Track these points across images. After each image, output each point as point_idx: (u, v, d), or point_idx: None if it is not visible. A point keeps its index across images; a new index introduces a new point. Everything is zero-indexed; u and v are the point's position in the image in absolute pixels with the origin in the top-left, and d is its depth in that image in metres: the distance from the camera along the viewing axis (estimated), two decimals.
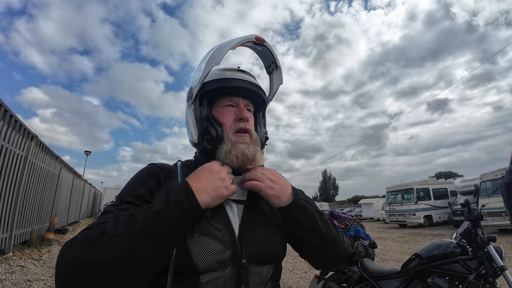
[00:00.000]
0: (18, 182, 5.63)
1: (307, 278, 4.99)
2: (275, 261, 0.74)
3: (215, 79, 0.79)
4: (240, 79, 0.80)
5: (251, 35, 0.78)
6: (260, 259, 0.69)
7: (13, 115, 5.38)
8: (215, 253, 0.64)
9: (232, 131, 0.77)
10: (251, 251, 0.68)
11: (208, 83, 0.79)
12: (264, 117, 0.93)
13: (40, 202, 7.26)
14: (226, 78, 0.79)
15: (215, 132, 0.76)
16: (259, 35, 0.79)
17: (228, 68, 0.82)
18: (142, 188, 0.70)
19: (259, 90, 0.83)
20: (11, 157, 5.23)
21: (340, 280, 2.69)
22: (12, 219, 5.48)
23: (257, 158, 0.77)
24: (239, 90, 0.79)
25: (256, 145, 0.79)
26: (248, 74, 0.83)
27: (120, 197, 0.70)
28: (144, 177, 0.74)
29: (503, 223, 10.06)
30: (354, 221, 2.83)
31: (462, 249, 2.16)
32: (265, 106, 0.90)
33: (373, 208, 26.06)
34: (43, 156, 7.18)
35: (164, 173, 0.76)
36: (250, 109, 0.85)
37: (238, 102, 0.81)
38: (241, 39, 0.76)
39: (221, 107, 0.81)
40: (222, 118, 0.79)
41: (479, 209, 2.35)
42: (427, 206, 15.48)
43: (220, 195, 0.64)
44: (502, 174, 10.65)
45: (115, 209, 0.64)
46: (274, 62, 0.87)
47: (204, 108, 0.81)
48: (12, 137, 5.20)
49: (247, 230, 0.70)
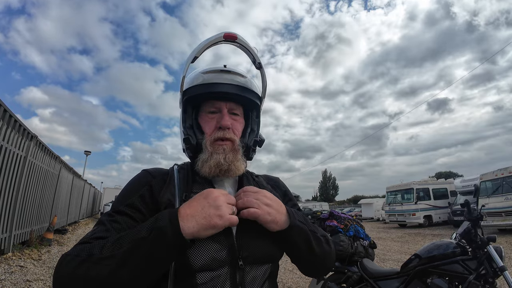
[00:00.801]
0: (17, 182, 5.62)
1: (306, 278, 4.98)
2: (272, 261, 0.73)
3: (195, 84, 0.77)
4: (222, 82, 0.76)
5: (219, 34, 0.74)
6: (257, 259, 0.69)
7: (13, 115, 5.38)
8: (211, 253, 0.63)
9: (211, 140, 0.75)
10: (248, 252, 0.67)
11: (189, 90, 0.77)
12: (258, 117, 0.87)
13: (40, 202, 7.25)
14: (206, 83, 0.76)
15: (195, 141, 0.76)
16: (229, 32, 0.74)
17: (211, 70, 0.79)
18: (135, 196, 0.70)
19: (245, 91, 0.78)
20: (11, 157, 5.22)
21: (340, 280, 2.69)
22: (11, 219, 5.48)
23: (235, 168, 0.74)
24: (222, 95, 0.77)
25: (237, 153, 0.76)
26: (233, 73, 0.79)
27: (114, 206, 0.70)
28: (136, 185, 0.73)
29: (502, 223, 10.06)
30: (353, 221, 2.82)
31: (462, 249, 2.16)
32: (259, 105, 0.85)
33: (373, 208, 26.07)
34: (42, 156, 7.17)
35: (157, 180, 0.74)
36: (237, 112, 0.81)
37: (220, 107, 0.78)
38: (208, 41, 0.74)
39: (204, 113, 0.79)
40: (204, 126, 0.78)
41: (479, 209, 2.35)
42: (427, 206, 15.48)
43: (211, 225, 0.58)
44: (502, 174, 10.67)
45: (108, 222, 0.65)
46: (254, 59, 0.81)
47: (189, 115, 0.80)
48: (11, 137, 5.19)
49: (244, 230, 0.69)
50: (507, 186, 10.39)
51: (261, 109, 0.88)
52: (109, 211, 0.69)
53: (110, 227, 0.63)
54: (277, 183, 0.93)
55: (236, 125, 0.80)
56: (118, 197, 0.73)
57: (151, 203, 0.70)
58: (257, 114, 0.87)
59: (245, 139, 0.81)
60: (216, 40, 0.74)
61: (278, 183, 0.94)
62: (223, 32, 0.74)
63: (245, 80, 0.80)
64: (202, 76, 0.77)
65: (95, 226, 0.66)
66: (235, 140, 0.77)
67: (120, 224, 0.64)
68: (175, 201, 0.70)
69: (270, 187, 0.87)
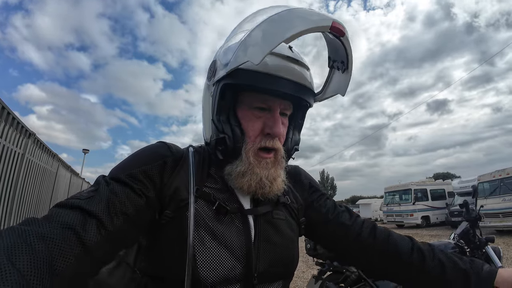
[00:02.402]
0: (15, 179, 5.60)
1: (304, 278, 4.98)
2: (287, 277, 0.68)
3: (249, 69, 0.57)
4: (288, 78, 0.59)
5: (325, 19, 0.53)
6: (272, 277, 0.63)
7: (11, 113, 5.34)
8: (224, 271, 0.57)
9: (254, 150, 0.62)
10: (264, 267, 0.61)
11: (239, 73, 0.58)
12: (303, 119, 0.73)
13: (37, 200, 7.22)
14: (269, 73, 0.58)
15: (232, 144, 0.61)
16: (338, 22, 0.54)
17: (276, 52, 0.58)
18: (144, 167, 0.59)
19: (306, 92, 0.63)
20: (9, 155, 5.20)
21: (338, 280, 2.68)
22: (9, 217, 5.45)
23: (277, 185, 0.63)
24: (281, 93, 0.61)
25: (280, 167, 0.65)
26: (300, 64, 0.62)
27: (115, 172, 0.59)
28: (151, 156, 0.62)
29: (500, 224, 10.10)
30: None
31: (460, 250, 2.16)
32: (307, 107, 0.70)
33: (371, 209, 26.12)
34: (40, 154, 7.13)
35: (174, 158, 0.63)
36: (287, 113, 0.67)
37: (272, 106, 0.63)
38: (310, 26, 0.51)
39: (248, 108, 0.63)
40: (247, 126, 0.63)
41: (478, 210, 2.35)
42: (424, 207, 15.51)
43: None
44: (500, 175, 10.71)
45: (106, 191, 0.54)
46: (344, 62, 0.65)
47: (226, 103, 0.62)
48: (9, 135, 5.17)
49: (261, 245, 0.62)
50: (505, 187, 10.42)
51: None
52: (108, 176, 0.59)
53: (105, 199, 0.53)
54: (298, 176, 0.82)
55: (284, 130, 0.66)
56: (123, 163, 0.61)
57: (159, 183, 0.59)
58: (302, 115, 0.73)
59: (287, 146, 0.68)
60: (319, 28, 0.53)
61: (300, 175, 0.83)
62: (331, 20, 0.53)
63: (308, 74, 0.64)
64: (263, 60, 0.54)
65: (93, 187, 0.56)
66: (280, 150, 0.64)
67: (118, 197, 0.54)
68: (189, 194, 0.60)
69: (291, 197, 0.75)
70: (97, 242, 0.48)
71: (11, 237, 0.40)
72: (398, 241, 0.72)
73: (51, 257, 0.41)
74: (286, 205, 0.73)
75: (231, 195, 0.65)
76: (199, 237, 0.57)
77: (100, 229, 0.50)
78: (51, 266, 0.41)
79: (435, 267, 0.66)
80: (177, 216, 0.59)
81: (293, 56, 0.62)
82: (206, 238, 0.58)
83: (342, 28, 0.55)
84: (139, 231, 0.58)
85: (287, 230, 0.69)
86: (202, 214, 0.60)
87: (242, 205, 0.65)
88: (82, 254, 0.46)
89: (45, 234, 0.43)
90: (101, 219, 0.50)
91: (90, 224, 0.49)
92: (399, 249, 0.70)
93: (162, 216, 0.59)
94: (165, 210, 0.59)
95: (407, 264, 0.68)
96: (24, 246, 0.39)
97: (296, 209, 0.75)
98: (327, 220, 0.76)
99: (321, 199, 0.80)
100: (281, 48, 0.60)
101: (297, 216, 0.75)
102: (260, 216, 0.65)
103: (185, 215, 0.58)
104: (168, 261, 0.58)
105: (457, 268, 0.65)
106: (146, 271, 0.65)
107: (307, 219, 0.77)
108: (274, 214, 0.68)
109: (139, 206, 0.56)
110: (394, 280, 0.71)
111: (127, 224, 0.54)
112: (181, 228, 0.57)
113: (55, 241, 0.43)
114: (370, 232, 0.73)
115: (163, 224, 0.59)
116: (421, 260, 0.67)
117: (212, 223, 0.60)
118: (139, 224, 0.57)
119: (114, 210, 0.52)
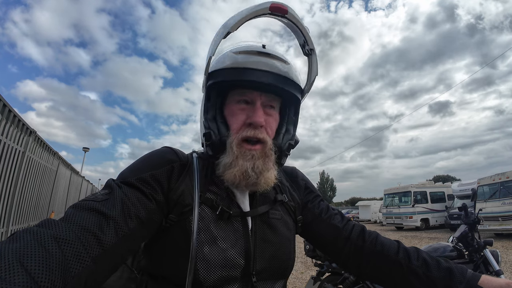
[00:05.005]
0: (15, 177, 5.60)
1: (303, 279, 4.99)
2: (284, 275, 0.70)
3: (224, 67, 0.62)
4: (258, 69, 0.61)
5: (265, 3, 0.58)
6: (270, 275, 0.65)
7: (12, 110, 5.36)
8: (224, 268, 0.58)
9: (238, 140, 0.63)
10: (261, 266, 0.63)
11: (216, 73, 0.63)
12: (297, 114, 0.73)
13: (38, 197, 7.22)
14: (238, 67, 0.61)
15: (218, 138, 0.63)
16: (278, 2, 0.58)
17: (245, 50, 0.63)
18: (152, 172, 0.60)
19: (286, 82, 0.64)
20: (9, 152, 5.21)
21: (336, 282, 2.69)
22: (9, 214, 5.46)
23: (264, 181, 0.63)
24: (256, 84, 0.63)
25: (269, 160, 0.64)
26: (274, 57, 0.64)
27: (125, 176, 0.59)
28: (159, 161, 0.62)
29: (499, 227, 10.10)
30: None
31: (459, 253, 2.17)
32: (299, 100, 0.70)
33: (370, 210, 26.13)
34: (41, 152, 7.14)
35: (181, 163, 0.64)
36: (273, 105, 0.68)
37: (253, 98, 0.64)
38: (248, 13, 0.57)
39: (232, 103, 0.66)
40: (231, 120, 0.65)
41: (476, 213, 2.36)
42: (424, 209, 15.51)
43: None
44: (499, 178, 10.71)
45: (119, 193, 0.55)
46: (306, 42, 0.66)
47: (212, 104, 0.66)
48: (10, 132, 5.17)
49: (258, 244, 0.64)
50: (505, 191, 10.42)
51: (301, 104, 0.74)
52: (118, 180, 0.59)
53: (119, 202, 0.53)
54: (295, 177, 0.84)
55: (270, 121, 0.67)
56: (132, 167, 0.62)
57: (166, 187, 0.60)
58: (295, 111, 0.74)
59: (279, 141, 0.69)
60: (258, 12, 0.58)
61: (297, 176, 0.84)
62: (270, 2, 0.57)
63: (288, 68, 0.65)
64: (234, 56, 0.62)
65: (106, 190, 0.56)
66: (267, 141, 0.64)
67: (131, 200, 0.55)
68: (193, 200, 0.61)
69: (289, 188, 0.79)
70: (114, 244, 0.49)
71: (26, 239, 0.40)
72: (385, 242, 0.74)
73: (67, 259, 0.41)
74: (284, 203, 0.75)
75: (231, 198, 0.67)
76: (201, 239, 0.59)
77: (118, 231, 0.50)
78: (66, 268, 0.41)
79: (420, 266, 0.68)
80: (181, 220, 0.61)
81: (265, 51, 0.64)
82: (208, 240, 0.60)
83: (282, 6, 0.58)
84: (148, 234, 0.59)
85: (283, 229, 0.71)
86: (205, 218, 0.62)
87: (241, 208, 0.67)
88: (100, 256, 0.46)
89: (61, 236, 0.43)
90: (118, 221, 0.51)
91: (107, 226, 0.49)
92: (386, 250, 0.72)
93: (167, 219, 0.61)
94: (170, 214, 0.60)
95: (394, 263, 0.70)
96: (38, 248, 0.40)
97: (293, 207, 0.77)
98: (320, 221, 0.78)
99: (316, 200, 0.82)
100: (253, 47, 0.65)
101: (295, 214, 0.77)
102: (257, 217, 0.68)
103: (189, 219, 0.60)
104: (170, 261, 0.59)
105: (441, 267, 0.67)
106: (146, 270, 0.67)
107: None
108: (270, 214, 0.70)
109: (150, 209, 0.57)
110: (383, 283, 0.72)
111: (139, 226, 0.55)
112: (184, 231, 0.60)
113: (72, 243, 0.43)
114: (359, 234, 0.76)
115: (167, 227, 0.61)
116: (406, 258, 0.69)
117: (214, 227, 0.62)
118: (149, 227, 0.58)
119: (129, 212, 0.53)
